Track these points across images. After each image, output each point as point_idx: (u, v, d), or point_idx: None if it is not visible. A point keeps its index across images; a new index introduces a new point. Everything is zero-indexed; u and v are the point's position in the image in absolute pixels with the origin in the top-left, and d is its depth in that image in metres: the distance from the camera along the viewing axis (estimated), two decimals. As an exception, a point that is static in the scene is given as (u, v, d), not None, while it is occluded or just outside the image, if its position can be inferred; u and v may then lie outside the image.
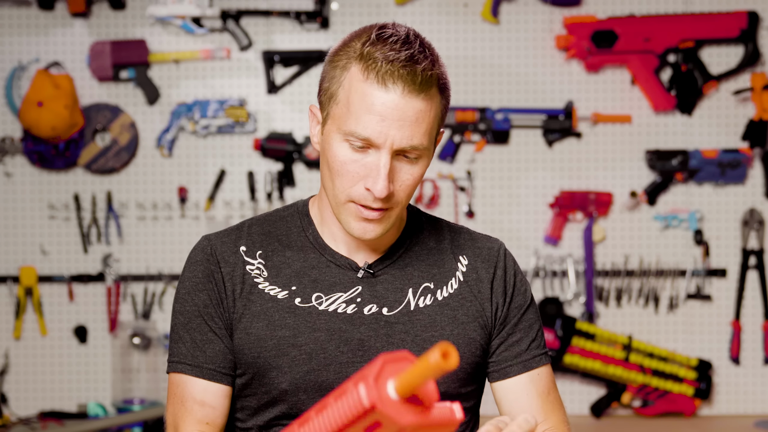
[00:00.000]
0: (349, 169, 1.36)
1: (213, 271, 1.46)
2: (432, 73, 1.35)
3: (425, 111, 1.35)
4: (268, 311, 1.43)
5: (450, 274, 1.49)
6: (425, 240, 1.52)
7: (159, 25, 3.11)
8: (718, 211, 3.14)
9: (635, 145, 3.13)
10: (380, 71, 1.32)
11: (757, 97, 3.08)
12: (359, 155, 1.36)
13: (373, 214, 1.38)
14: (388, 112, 1.33)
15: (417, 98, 1.33)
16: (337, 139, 1.37)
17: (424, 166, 1.40)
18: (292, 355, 1.41)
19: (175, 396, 1.45)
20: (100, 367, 3.13)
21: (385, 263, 1.47)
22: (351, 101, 1.35)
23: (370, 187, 1.35)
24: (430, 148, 1.40)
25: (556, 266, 3.12)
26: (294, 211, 1.52)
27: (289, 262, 1.47)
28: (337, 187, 1.38)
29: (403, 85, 1.32)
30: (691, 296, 3.13)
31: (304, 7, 3.10)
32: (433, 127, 1.38)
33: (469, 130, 3.10)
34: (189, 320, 1.46)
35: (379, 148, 1.34)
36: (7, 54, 3.11)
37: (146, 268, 3.12)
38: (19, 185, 3.12)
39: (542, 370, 1.49)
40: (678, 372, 3.05)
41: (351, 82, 1.35)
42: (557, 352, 3.01)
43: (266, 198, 3.11)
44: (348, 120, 1.35)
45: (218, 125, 3.09)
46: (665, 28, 3.07)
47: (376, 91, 1.33)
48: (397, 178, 1.37)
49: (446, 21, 3.10)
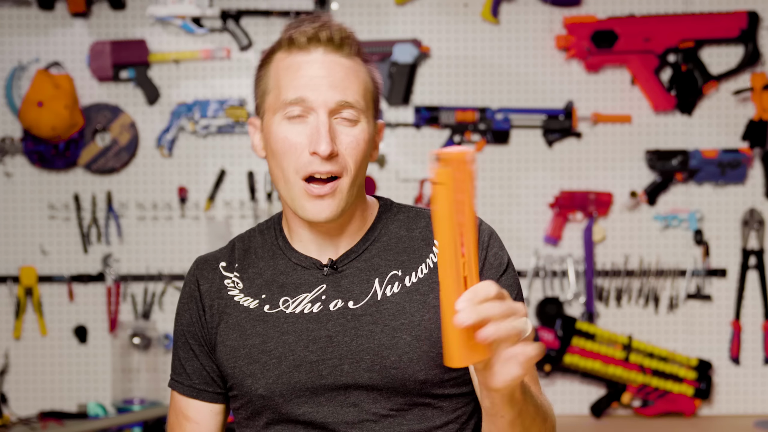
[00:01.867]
0: (293, 142, 1.40)
1: (193, 290, 1.53)
2: (349, 36, 1.42)
3: (352, 69, 1.42)
4: (241, 322, 1.48)
5: (420, 260, 1.48)
6: (395, 230, 1.51)
7: (159, 25, 3.11)
8: (718, 211, 3.14)
9: (635, 145, 3.13)
10: (300, 40, 1.40)
11: (757, 97, 3.08)
12: (299, 126, 1.40)
13: (322, 189, 1.40)
14: (316, 71, 1.39)
15: (340, 56, 1.41)
16: (275, 121, 1.42)
17: (365, 133, 1.43)
18: (263, 361, 1.44)
19: (172, 409, 1.57)
20: (100, 367, 3.13)
21: (350, 257, 1.48)
22: (280, 78, 1.41)
23: (314, 148, 1.38)
24: (368, 117, 1.44)
25: (556, 266, 3.12)
26: (271, 224, 1.56)
27: (261, 272, 1.50)
28: (285, 168, 1.41)
29: (324, 45, 1.40)
30: (691, 296, 3.13)
31: (304, 7, 3.10)
32: (366, 94, 1.43)
33: (469, 130, 3.10)
34: (177, 339, 1.56)
35: (315, 109, 1.39)
36: (7, 54, 3.11)
37: (146, 268, 3.12)
38: (19, 185, 3.12)
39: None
40: (678, 372, 3.05)
41: (277, 65, 1.43)
42: (557, 352, 3.01)
43: (266, 198, 3.11)
44: (281, 94, 1.41)
45: (218, 125, 3.10)
46: (665, 28, 3.07)
47: (300, 57, 1.40)
48: (340, 140, 1.40)
49: (446, 21, 3.10)
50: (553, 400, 3.11)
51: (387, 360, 1.41)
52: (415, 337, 1.41)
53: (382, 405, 1.43)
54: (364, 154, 1.43)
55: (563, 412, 3.12)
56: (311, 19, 1.43)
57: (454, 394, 1.46)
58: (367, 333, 1.43)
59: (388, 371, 1.42)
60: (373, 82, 1.46)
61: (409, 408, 1.44)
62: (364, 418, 1.43)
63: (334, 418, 1.43)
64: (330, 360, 1.43)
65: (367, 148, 1.44)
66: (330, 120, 1.39)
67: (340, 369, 1.42)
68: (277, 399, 1.44)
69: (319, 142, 1.38)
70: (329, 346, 1.43)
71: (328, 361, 1.43)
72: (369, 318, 1.44)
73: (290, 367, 1.43)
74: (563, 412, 3.11)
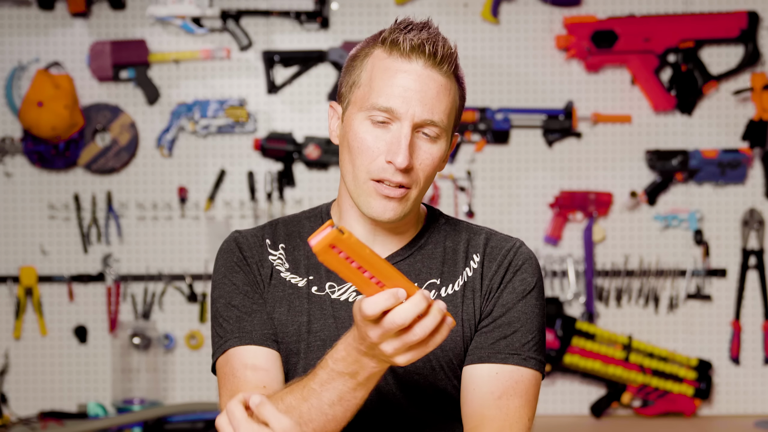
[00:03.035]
0: (370, 144, 1.40)
1: (246, 257, 1.51)
2: (453, 53, 1.41)
3: (445, 88, 1.41)
4: (289, 297, 1.48)
5: (458, 273, 1.49)
6: (441, 241, 1.52)
7: (159, 25, 3.11)
8: (718, 211, 3.14)
9: (635, 145, 3.13)
10: (404, 45, 1.39)
11: (757, 97, 3.08)
12: (380, 131, 1.40)
13: (393, 192, 1.40)
14: (411, 83, 1.38)
15: (438, 73, 1.40)
16: (358, 118, 1.42)
17: (442, 151, 1.43)
18: (309, 340, 1.45)
19: (226, 376, 1.45)
20: (100, 367, 3.13)
21: (396, 259, 1.49)
22: (374, 78, 1.40)
23: (391, 159, 1.38)
24: (448, 134, 1.44)
25: (556, 266, 3.12)
26: (317, 212, 1.57)
27: (308, 256, 1.51)
28: (357, 167, 1.41)
29: (425, 58, 1.39)
30: (691, 296, 3.13)
31: (304, 7, 3.10)
32: (452, 111, 1.43)
33: (469, 130, 3.10)
34: (230, 299, 1.48)
35: (401, 119, 1.39)
36: (7, 54, 3.11)
37: (146, 268, 3.12)
38: (19, 185, 3.12)
39: (505, 370, 1.42)
40: (678, 372, 3.05)
41: (374, 62, 1.42)
42: (557, 352, 3.01)
43: (266, 198, 3.11)
44: (371, 95, 1.40)
45: (218, 125, 3.09)
46: (665, 28, 3.07)
47: (400, 63, 1.39)
48: (417, 154, 1.40)
49: (446, 21, 3.10)
50: (553, 400, 3.11)
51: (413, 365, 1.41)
52: (441, 348, 1.40)
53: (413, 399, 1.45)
54: (435, 170, 1.45)
55: (563, 412, 3.12)
56: (419, 26, 1.42)
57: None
58: None
59: (411, 376, 1.44)
60: (461, 99, 1.46)
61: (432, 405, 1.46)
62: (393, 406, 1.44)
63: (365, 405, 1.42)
64: None
65: (440, 164, 1.45)
66: (412, 133, 1.39)
67: None
68: None
69: (398, 154, 1.38)
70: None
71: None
72: None
73: None
74: (563, 412, 3.11)
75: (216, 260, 1.55)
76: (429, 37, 1.40)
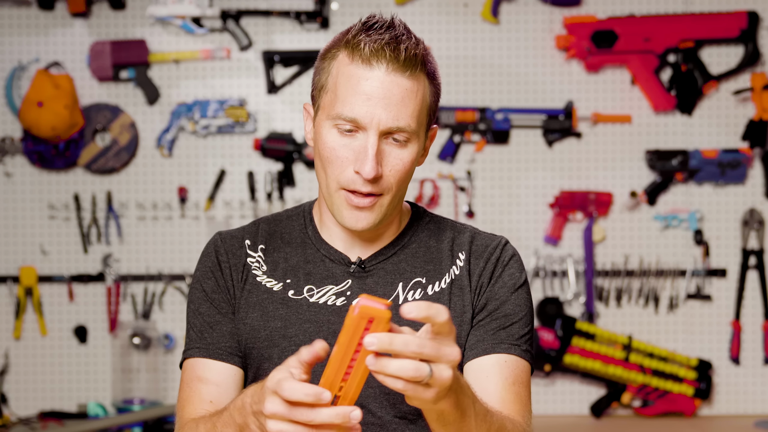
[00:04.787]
0: (339, 154, 1.39)
1: (220, 261, 1.51)
2: (417, 53, 1.37)
3: (411, 91, 1.37)
4: (263, 302, 1.47)
5: (444, 271, 1.49)
6: (425, 239, 1.52)
7: (159, 25, 3.11)
8: (718, 211, 3.14)
9: (635, 145, 3.13)
10: (364, 52, 1.36)
11: (757, 97, 3.08)
12: (348, 139, 1.38)
13: (363, 201, 1.40)
14: (374, 91, 1.36)
15: (402, 76, 1.36)
16: (326, 126, 1.40)
17: (414, 153, 1.41)
18: (283, 346, 1.44)
19: (183, 382, 1.48)
20: (100, 367, 3.13)
21: (379, 259, 1.49)
22: (338, 85, 1.38)
23: (358, 169, 1.37)
24: (420, 134, 1.42)
25: (556, 266, 3.12)
26: (300, 211, 1.56)
27: (287, 258, 1.50)
28: (329, 176, 1.41)
29: (387, 63, 1.36)
30: (691, 296, 3.13)
31: (304, 7, 3.10)
32: (422, 111, 1.40)
33: (469, 130, 3.10)
34: (198, 306, 1.50)
35: (366, 129, 1.37)
36: (7, 54, 3.11)
37: (146, 268, 3.12)
38: (19, 185, 3.12)
39: (510, 359, 1.43)
40: (678, 372, 3.05)
41: (338, 67, 1.39)
42: (557, 352, 3.01)
43: (266, 198, 3.11)
44: (336, 104, 1.38)
45: (218, 125, 3.09)
46: (665, 28, 3.07)
47: (361, 70, 1.36)
48: (386, 162, 1.39)
49: (446, 21, 3.10)
50: (553, 400, 3.11)
51: None
52: None
53: (388, 410, 1.44)
54: (409, 173, 1.42)
55: (563, 412, 3.12)
56: (382, 27, 1.38)
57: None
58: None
59: None
60: (434, 95, 1.43)
61: (413, 418, 1.45)
62: (369, 421, 1.43)
63: None
64: None
65: (413, 166, 1.43)
66: (379, 142, 1.37)
67: None
68: None
69: (365, 164, 1.36)
70: None
71: None
72: None
73: None
74: (563, 412, 3.12)
75: (196, 264, 1.56)
76: (390, 40, 1.36)
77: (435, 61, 1.44)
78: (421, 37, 1.45)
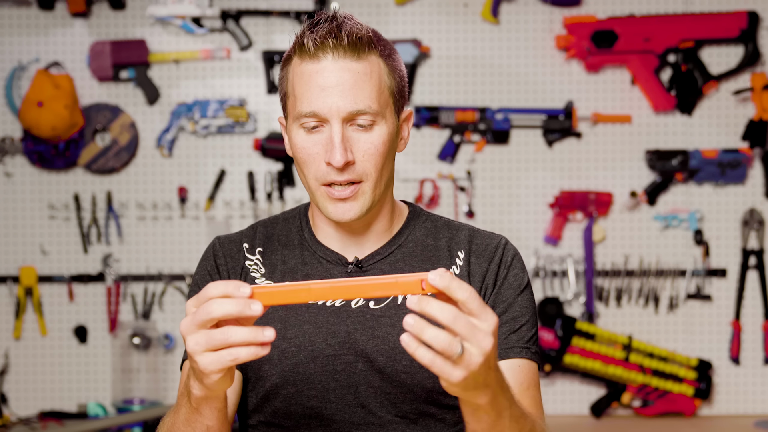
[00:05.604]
0: (310, 152, 1.41)
1: (218, 265, 1.52)
2: (362, 36, 1.39)
3: (364, 73, 1.39)
4: None
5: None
6: (422, 238, 1.53)
7: (159, 25, 3.11)
8: (718, 211, 3.14)
9: (635, 145, 3.13)
10: (310, 48, 1.39)
11: (757, 97, 3.08)
12: (315, 136, 1.40)
13: (342, 192, 1.41)
14: (326, 81, 1.38)
15: (351, 60, 1.38)
16: (294, 129, 1.42)
17: (384, 135, 1.42)
18: (282, 347, 1.44)
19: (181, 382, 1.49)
20: (100, 367, 3.13)
21: (376, 258, 1.50)
22: (295, 87, 1.41)
23: (329, 159, 1.39)
24: (387, 116, 1.42)
25: (556, 266, 3.12)
26: (296, 213, 1.57)
27: (284, 260, 1.51)
28: (307, 176, 1.43)
29: (332, 51, 1.38)
30: (691, 296, 3.13)
31: (304, 7, 3.10)
32: (381, 92, 1.41)
33: (469, 130, 3.10)
34: None
35: (329, 120, 1.39)
36: (7, 54, 3.11)
37: (146, 268, 3.12)
38: (19, 185, 3.12)
39: (523, 363, 1.45)
40: (678, 372, 3.05)
41: (293, 71, 1.42)
42: (557, 352, 3.01)
43: (266, 198, 3.11)
44: (296, 104, 1.41)
45: (218, 125, 3.10)
46: (665, 28, 3.07)
47: (311, 65, 1.39)
48: (357, 147, 1.40)
49: (446, 21, 3.10)
50: (553, 400, 3.11)
51: (399, 364, 1.42)
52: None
53: (388, 410, 1.44)
54: (385, 156, 1.43)
55: (563, 412, 3.12)
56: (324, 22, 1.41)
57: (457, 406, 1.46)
58: (383, 334, 1.44)
59: (398, 375, 1.43)
60: (393, 74, 1.43)
61: (414, 417, 1.45)
62: (370, 420, 1.43)
63: (341, 416, 1.44)
64: (346, 356, 1.44)
65: (387, 149, 1.43)
66: (344, 129, 1.39)
67: (354, 366, 1.43)
68: (290, 388, 1.44)
69: (333, 153, 1.38)
70: (347, 342, 1.44)
71: (344, 357, 1.43)
72: (387, 320, 1.45)
73: (307, 358, 1.43)
74: (563, 412, 3.11)
75: (197, 266, 1.57)
76: (331, 29, 1.39)
77: (389, 43, 1.45)
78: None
